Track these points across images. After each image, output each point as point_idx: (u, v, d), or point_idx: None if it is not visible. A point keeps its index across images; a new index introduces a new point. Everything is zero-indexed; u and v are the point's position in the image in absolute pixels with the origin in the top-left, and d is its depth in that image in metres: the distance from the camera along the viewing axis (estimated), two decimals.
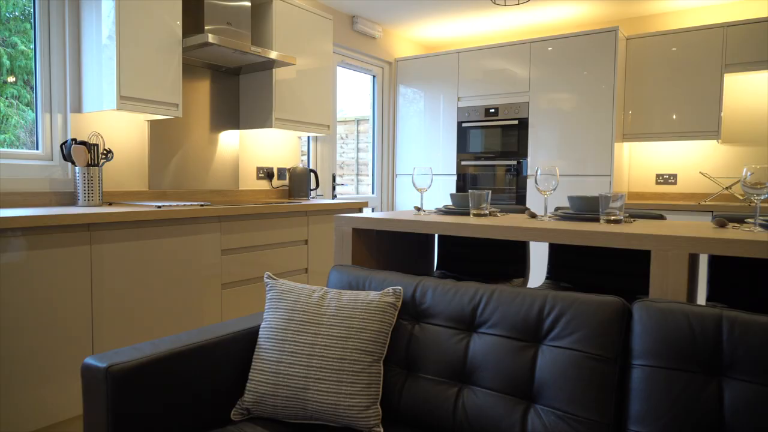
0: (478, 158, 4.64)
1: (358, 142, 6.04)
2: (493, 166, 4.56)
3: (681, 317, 1.21)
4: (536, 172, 1.90)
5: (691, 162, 4.30)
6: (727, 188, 3.66)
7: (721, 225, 1.70)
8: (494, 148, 4.55)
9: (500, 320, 1.42)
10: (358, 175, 5.86)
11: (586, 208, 1.93)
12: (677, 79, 4.05)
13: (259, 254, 2.94)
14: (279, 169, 3.88)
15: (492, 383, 1.38)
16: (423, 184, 2.12)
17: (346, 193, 5.40)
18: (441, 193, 4.87)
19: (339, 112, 5.97)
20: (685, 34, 4.00)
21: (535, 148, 4.36)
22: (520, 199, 4.42)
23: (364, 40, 4.71)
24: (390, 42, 5.06)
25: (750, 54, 3.77)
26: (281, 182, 3.90)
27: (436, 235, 2.63)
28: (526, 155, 4.40)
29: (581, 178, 4.15)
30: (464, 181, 4.75)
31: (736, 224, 1.75)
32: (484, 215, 2.03)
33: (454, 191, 4.80)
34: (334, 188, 4.51)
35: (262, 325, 1.56)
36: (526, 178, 4.40)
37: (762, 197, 1.57)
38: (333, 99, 4.47)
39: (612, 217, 1.76)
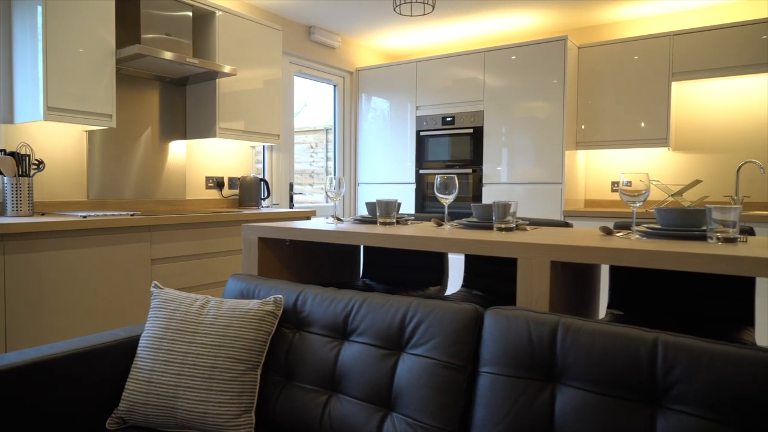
0: (436, 166, 4.66)
1: (326, 151, 6.07)
2: (452, 173, 4.58)
3: (522, 324, 1.22)
4: (436, 180, 1.92)
5: (645, 169, 4.32)
6: (672, 195, 3.68)
7: (607, 233, 1.71)
8: (452, 156, 4.57)
9: (368, 328, 1.43)
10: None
11: (486, 216, 1.94)
12: (627, 87, 4.08)
13: (194, 263, 2.95)
14: (230, 179, 3.90)
15: (356, 391, 1.38)
16: (335, 192, 2.13)
17: (316, 201, 5.41)
18: (404, 201, 4.88)
19: (312, 122, 5.99)
20: (633, 43, 4.04)
21: (491, 156, 4.38)
22: None
23: (322, 50, 4.75)
24: (351, 51, 5.09)
25: (696, 62, 3.81)
26: (232, 191, 3.91)
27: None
28: (482, 163, 4.42)
29: (534, 186, 4.17)
30: (423, 190, 4.77)
31: (626, 231, 1.76)
32: (391, 224, 2.04)
33: (413, 200, 4.81)
34: (291, 197, 4.52)
35: (142, 334, 1.57)
36: (482, 185, 4.42)
37: (638, 204, 1.59)
38: (288, 108, 4.49)
39: (503, 225, 1.78)
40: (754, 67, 3.61)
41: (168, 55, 2.89)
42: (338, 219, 2.27)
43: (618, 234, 1.68)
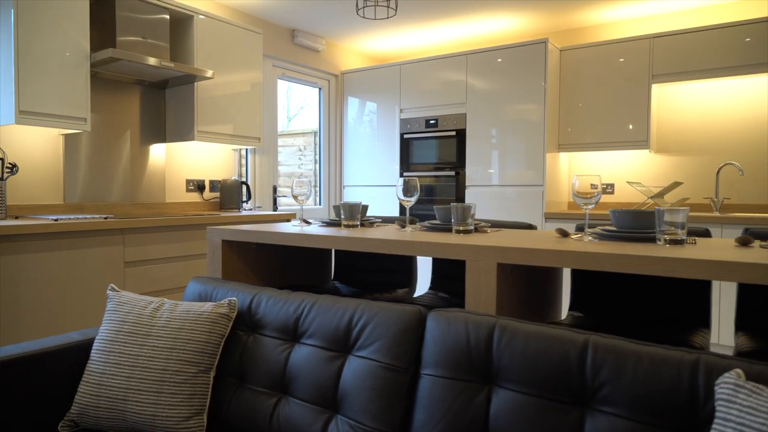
0: (420, 169, 4.67)
1: (315, 154, 6.10)
2: (435, 176, 4.59)
3: (462, 326, 1.22)
4: (398, 182, 1.92)
5: (628, 171, 4.33)
6: (651, 197, 3.69)
7: (563, 235, 1.71)
8: (435, 159, 4.58)
9: (317, 330, 1.44)
10: (316, 186, 5.90)
11: (448, 219, 1.95)
12: (608, 89, 4.09)
13: (168, 266, 2.95)
14: (211, 182, 3.90)
15: (304, 393, 1.39)
16: (301, 193, 2.14)
17: (303, 204, 5.42)
18: (389, 204, 4.89)
19: (308, 124, 6.01)
20: (613, 46, 4.05)
21: (474, 158, 4.39)
22: None
23: (306, 54, 4.76)
24: (336, 54, 5.11)
25: (676, 65, 3.82)
26: (213, 194, 3.92)
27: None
28: (465, 165, 4.43)
29: (517, 188, 4.18)
30: None
31: (583, 233, 1.76)
32: (354, 227, 2.05)
33: (398, 202, 4.82)
34: (275, 200, 4.53)
35: (96, 337, 1.57)
36: (465, 187, 4.43)
37: (590, 206, 1.59)
38: (272, 111, 4.50)
39: (462, 228, 1.78)
40: (734, 69, 3.61)
41: (141, 58, 2.90)
42: (306, 222, 2.28)
43: (574, 236, 1.69)
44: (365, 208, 2.19)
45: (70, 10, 2.73)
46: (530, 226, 2.06)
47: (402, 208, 4.80)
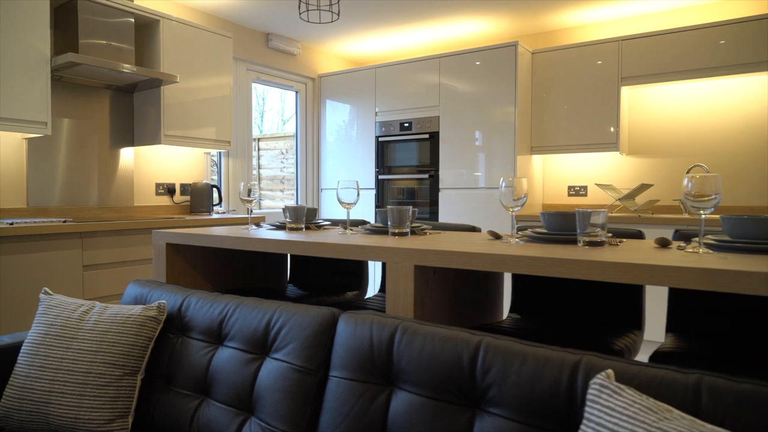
0: (399, 171, 4.68)
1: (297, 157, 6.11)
2: (410, 179, 4.60)
3: (367, 328, 1.23)
4: (338, 184, 1.93)
5: (600, 174, 4.34)
6: (620, 200, 3.70)
7: (496, 237, 1.72)
8: (410, 162, 4.59)
9: (238, 333, 1.44)
10: (295, 189, 5.92)
11: (387, 222, 1.95)
12: (579, 92, 4.11)
13: (127, 269, 2.96)
14: (182, 185, 3.91)
15: (222, 396, 1.39)
16: (246, 195, 2.15)
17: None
18: (365, 206, 4.90)
19: (285, 127, 6.02)
20: (583, 48, 4.06)
21: (446, 161, 4.40)
22: (434, 213, 4.46)
23: (281, 57, 4.77)
24: (313, 58, 5.12)
25: (645, 67, 3.83)
26: (184, 198, 3.92)
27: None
28: (438, 168, 4.44)
29: (490, 190, 4.19)
30: (383, 195, 4.78)
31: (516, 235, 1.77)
32: (299, 230, 2.05)
33: (373, 204, 4.83)
34: None
35: (24, 341, 1.58)
36: (439, 190, 4.44)
37: (517, 209, 1.60)
38: (246, 115, 4.51)
39: (397, 230, 1.79)
40: (704, 71, 3.62)
41: (102, 62, 2.91)
42: (256, 225, 2.28)
43: (504, 238, 1.70)
44: (312, 211, 2.20)
45: (29, 14, 2.75)
46: (473, 229, 2.07)
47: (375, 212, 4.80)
